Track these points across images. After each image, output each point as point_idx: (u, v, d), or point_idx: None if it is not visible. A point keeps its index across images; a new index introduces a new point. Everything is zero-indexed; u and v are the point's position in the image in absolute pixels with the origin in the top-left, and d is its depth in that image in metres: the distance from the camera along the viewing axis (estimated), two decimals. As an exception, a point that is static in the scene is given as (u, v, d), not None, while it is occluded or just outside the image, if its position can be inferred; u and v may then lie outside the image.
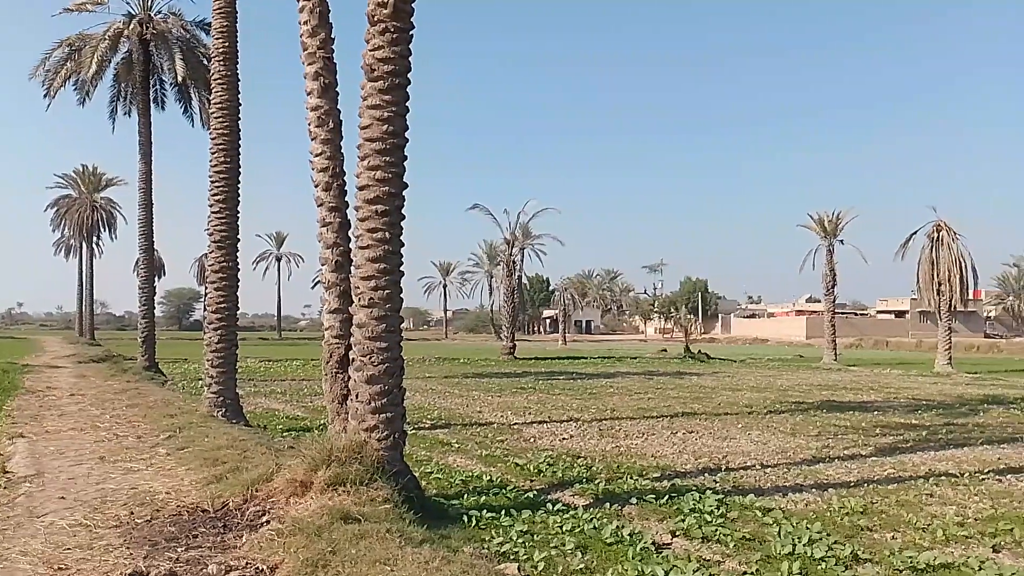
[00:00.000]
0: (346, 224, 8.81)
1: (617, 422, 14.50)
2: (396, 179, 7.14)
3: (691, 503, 7.55)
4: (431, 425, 13.76)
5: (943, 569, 5.68)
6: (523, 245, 47.84)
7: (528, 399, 18.90)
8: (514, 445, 11.56)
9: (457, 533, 6.25)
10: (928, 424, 14.61)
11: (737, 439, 12.45)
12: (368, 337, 7.05)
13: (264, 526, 5.96)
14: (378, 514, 5.89)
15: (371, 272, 7.06)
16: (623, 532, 6.43)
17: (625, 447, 11.50)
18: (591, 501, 7.81)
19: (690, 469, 9.77)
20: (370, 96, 7.15)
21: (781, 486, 8.75)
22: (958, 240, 35.32)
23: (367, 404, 7.02)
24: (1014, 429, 13.98)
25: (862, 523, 7.03)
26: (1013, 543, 6.43)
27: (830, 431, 13.43)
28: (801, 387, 23.82)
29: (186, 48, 25.68)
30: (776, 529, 6.63)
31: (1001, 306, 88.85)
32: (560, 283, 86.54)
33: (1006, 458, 10.77)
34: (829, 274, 42.46)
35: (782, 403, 18.51)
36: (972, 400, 19.83)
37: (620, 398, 19.38)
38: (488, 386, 22.95)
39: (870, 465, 10.18)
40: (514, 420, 14.64)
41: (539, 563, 5.56)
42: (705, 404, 18.08)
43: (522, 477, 9.06)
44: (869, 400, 19.71)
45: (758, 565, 5.70)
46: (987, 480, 9.15)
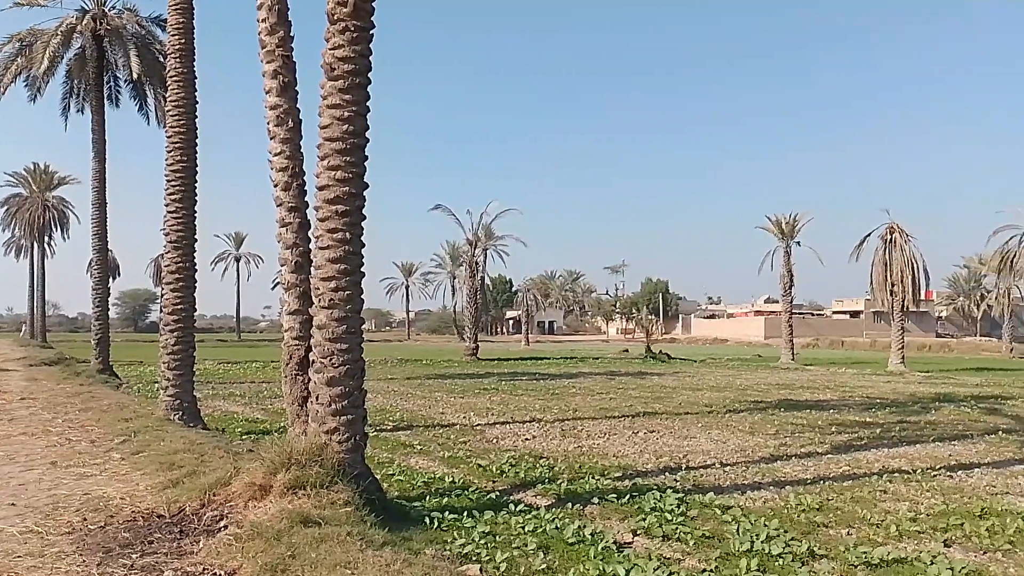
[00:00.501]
0: (306, 224, 8.71)
1: (579, 422, 14.57)
2: (356, 179, 7.08)
3: (652, 502, 7.62)
4: (393, 427, 13.68)
5: (896, 564, 5.80)
6: (486, 246, 47.78)
7: (491, 400, 18.89)
8: (477, 446, 11.55)
9: (419, 535, 6.22)
10: (882, 422, 14.94)
11: (697, 438, 12.59)
12: (328, 339, 6.98)
13: (222, 531, 5.86)
14: (339, 517, 5.84)
15: (331, 273, 7.00)
16: (585, 532, 6.47)
17: (587, 447, 11.56)
18: (553, 501, 7.83)
19: (651, 468, 9.86)
20: (330, 95, 7.08)
21: (740, 484, 8.88)
22: (910, 242, 36.22)
23: (327, 406, 6.95)
24: (964, 426, 14.37)
25: (818, 519, 7.16)
26: (964, 538, 6.60)
27: (787, 429, 13.66)
28: (759, 386, 24.19)
29: (141, 44, 25.13)
30: (735, 527, 6.73)
31: (952, 306, 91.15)
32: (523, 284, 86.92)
33: (957, 455, 11.06)
34: (787, 275, 43.19)
35: (741, 402, 18.77)
36: (924, 398, 20.34)
37: (582, 398, 19.48)
38: (451, 387, 22.90)
39: (826, 463, 10.37)
40: (477, 421, 14.62)
41: (501, 564, 5.56)
42: (666, 404, 18.26)
43: (484, 478, 9.06)
44: (825, 399, 20.08)
45: (717, 562, 5.77)
46: (939, 476, 9.38)
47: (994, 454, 11.13)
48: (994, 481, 9.10)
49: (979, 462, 10.42)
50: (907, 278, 35.48)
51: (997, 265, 34.59)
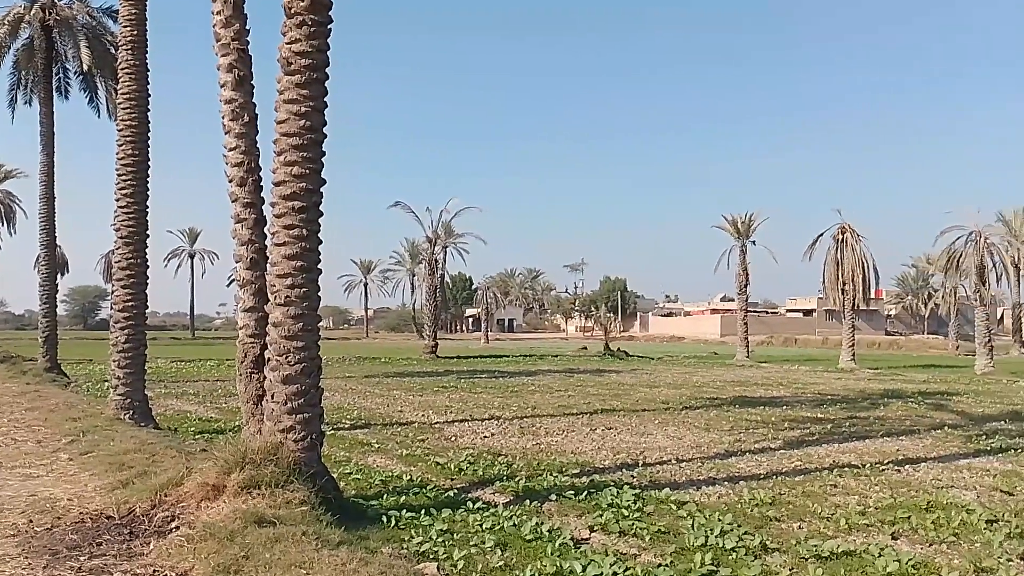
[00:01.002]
0: (262, 220, 8.60)
1: (538, 420, 14.62)
2: (314, 175, 7.01)
3: (609, 498, 7.68)
4: (351, 425, 13.57)
5: (845, 556, 5.94)
6: (445, 243, 47.68)
7: (450, 398, 18.86)
8: (435, 444, 11.52)
9: (376, 534, 6.19)
10: (833, 418, 15.27)
11: (654, 435, 12.73)
12: (284, 336, 6.89)
13: (173, 532, 5.75)
14: (294, 517, 5.78)
15: (287, 270, 6.91)
16: (542, 528, 6.49)
17: (545, 444, 11.61)
18: (511, 498, 7.85)
19: (608, 465, 9.94)
20: (287, 90, 7.00)
21: (695, 480, 8.99)
22: (861, 242, 37.06)
23: (283, 404, 6.87)
24: (912, 422, 14.76)
25: (771, 514, 7.29)
26: (910, 530, 6.78)
27: (742, 426, 13.88)
28: (715, 383, 24.54)
29: (92, 35, 24.50)
30: (690, 522, 6.81)
31: (900, 305, 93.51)
32: (483, 282, 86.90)
33: (904, 449, 11.36)
34: (742, 274, 43.83)
35: (697, 399, 19.03)
36: (873, 394, 20.85)
37: (541, 396, 19.55)
38: (410, 385, 22.79)
39: (779, 458, 10.57)
40: (435, 419, 14.58)
41: (459, 562, 5.56)
42: (624, 401, 18.42)
43: (443, 476, 9.04)
44: (779, 395, 20.46)
45: (672, 557, 5.85)
46: (887, 471, 9.62)
47: (940, 449, 11.45)
48: (940, 475, 9.36)
49: (925, 456, 10.71)
50: (858, 277, 36.30)
51: (944, 265, 35.47)
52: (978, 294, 33.36)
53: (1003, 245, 34.71)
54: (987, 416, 15.81)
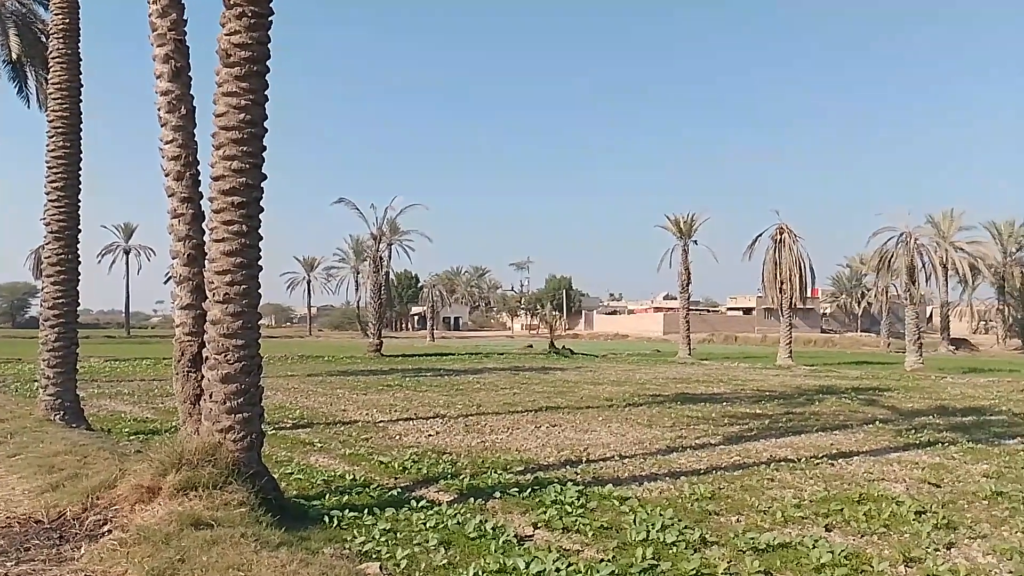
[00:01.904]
0: (200, 216, 8.40)
1: (483, 417, 14.62)
2: (254, 170, 6.87)
3: (553, 495, 7.72)
4: (293, 424, 13.36)
5: (781, 548, 6.09)
6: (391, 241, 47.22)
7: (394, 396, 18.72)
8: (379, 443, 11.42)
9: (318, 534, 6.11)
10: (771, 413, 15.65)
11: (598, 431, 12.85)
12: (223, 334, 6.74)
13: (105, 536, 5.59)
14: (233, 518, 5.66)
15: (226, 266, 6.76)
16: (486, 526, 6.50)
17: (490, 442, 11.62)
18: (455, 497, 7.83)
19: (553, 462, 10.00)
20: (226, 83, 6.84)
21: (638, 475, 9.11)
22: (798, 242, 38.03)
23: (222, 404, 6.72)
24: (845, 417, 15.21)
25: (710, 508, 7.44)
26: (843, 522, 6.98)
27: (683, 422, 14.11)
28: (658, 380, 24.90)
29: (22, 23, 23.53)
30: (632, 517, 6.90)
31: (835, 303, 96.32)
32: (428, 280, 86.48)
33: (838, 444, 11.70)
34: (684, 273, 44.58)
35: (640, 396, 19.27)
36: (809, 390, 21.42)
37: (486, 394, 19.55)
38: (353, 384, 22.55)
39: (718, 453, 10.78)
40: (380, 418, 14.46)
41: (402, 561, 5.53)
42: (568, 398, 18.55)
43: (386, 475, 8.97)
44: (719, 392, 20.86)
45: (614, 552, 5.91)
46: (821, 464, 9.89)
47: (871, 443, 11.82)
48: (871, 468, 9.67)
49: (858, 450, 11.05)
50: (795, 276, 37.24)
51: (876, 265, 36.67)
52: (908, 293, 34.56)
53: (932, 246, 35.93)
54: (916, 411, 16.39)
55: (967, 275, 50.40)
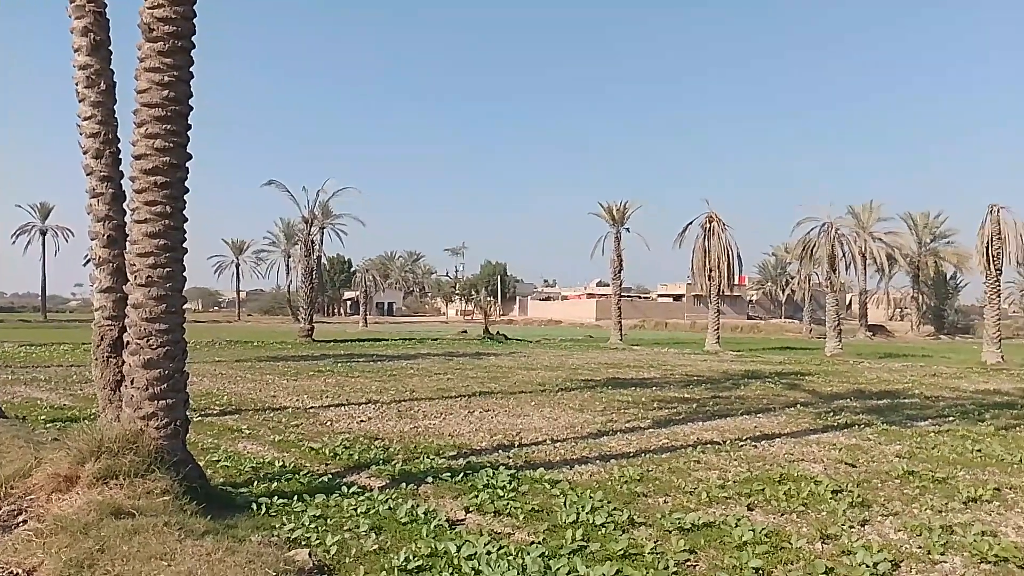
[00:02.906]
0: (120, 195, 8.10)
1: (416, 403, 14.57)
2: (178, 149, 6.64)
3: (485, 479, 7.77)
4: (220, 411, 13.05)
5: (706, 528, 6.27)
6: (323, 224, 46.33)
7: (326, 382, 18.46)
8: (309, 429, 11.26)
9: (245, 522, 6.00)
10: (698, 397, 16.05)
11: (530, 416, 12.96)
12: (145, 318, 6.53)
13: (20, 526, 5.37)
14: (155, 507, 5.51)
15: (149, 248, 6.54)
16: (418, 511, 6.50)
17: (423, 427, 11.59)
18: (387, 482, 7.80)
19: (485, 446, 10.04)
20: (148, 58, 6.59)
21: (569, 459, 9.23)
22: (727, 231, 38.95)
23: (144, 390, 6.52)
24: (769, 400, 15.72)
25: (639, 490, 7.59)
26: (764, 501, 7.23)
27: (614, 406, 14.35)
28: (590, 365, 25.23)
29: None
30: (562, 500, 7.00)
31: (761, 291, 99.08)
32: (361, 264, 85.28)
33: (761, 426, 12.08)
34: (616, 260, 45.14)
35: (572, 381, 19.50)
36: (735, 375, 22.05)
37: (420, 379, 19.47)
38: (284, 369, 22.13)
39: (648, 436, 11.00)
40: (310, 404, 14.24)
41: (332, 547, 5.48)
42: (502, 383, 18.63)
43: (317, 461, 8.86)
44: (649, 377, 21.27)
45: (545, 534, 5.99)
46: (745, 446, 10.21)
47: (793, 425, 12.25)
48: (792, 449, 10.02)
49: (780, 432, 11.44)
50: (723, 264, 38.16)
51: (799, 253, 37.84)
52: (829, 281, 35.81)
53: (852, 236, 37.26)
54: (835, 394, 17.05)
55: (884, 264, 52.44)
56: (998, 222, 29.64)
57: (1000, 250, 29.68)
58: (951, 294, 71.44)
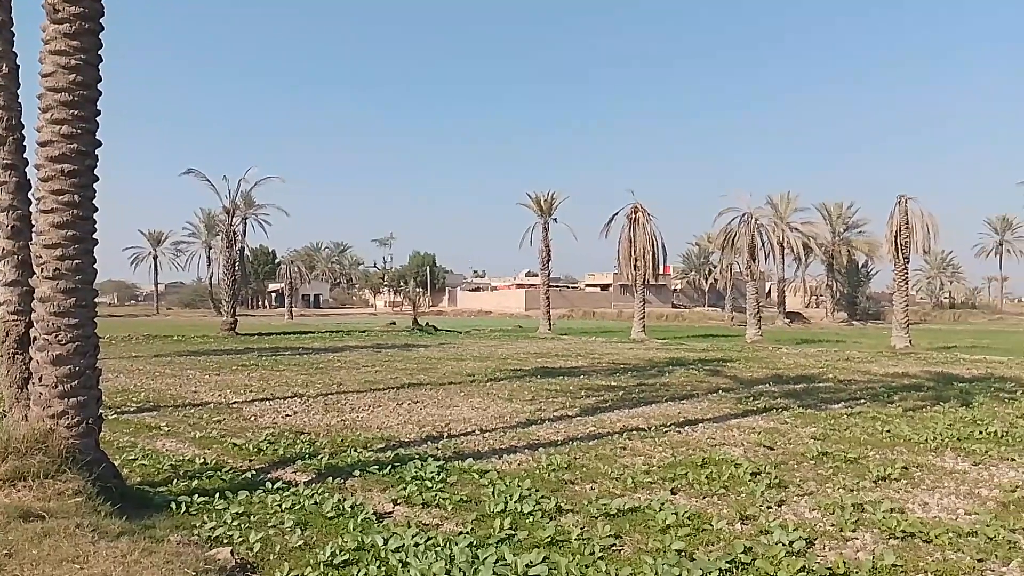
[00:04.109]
0: (26, 184, 7.72)
1: (343, 396, 14.38)
2: (86, 135, 6.35)
3: (413, 471, 7.73)
4: (137, 408, 12.60)
5: (631, 512, 6.40)
6: (245, 215, 45.32)
7: (249, 376, 18.04)
8: (232, 425, 10.99)
9: (163, 522, 5.82)
10: (624, 385, 16.33)
11: (460, 407, 12.96)
12: (54, 313, 6.24)
13: (-83, 535, 5.07)
14: (67, 509, 5.29)
15: (56, 239, 6.24)
16: (345, 505, 6.43)
17: (350, 420, 11.45)
18: (313, 477, 7.68)
19: (414, 438, 9.99)
20: (53, 40, 6.27)
21: (497, 449, 9.28)
22: (651, 221, 39.64)
23: (53, 388, 6.24)
24: (692, 387, 16.12)
25: (566, 477, 7.69)
26: (687, 485, 7.42)
27: (543, 395, 14.47)
28: (519, 355, 25.38)
29: None
30: (491, 489, 7.04)
31: (685, 280, 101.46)
32: (286, 255, 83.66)
33: (685, 412, 12.38)
34: (544, 250, 45.50)
35: (502, 371, 19.58)
36: (660, 363, 22.52)
37: (347, 372, 19.22)
38: (205, 364, 21.52)
39: (575, 424, 11.14)
40: (233, 399, 13.89)
41: (255, 544, 5.37)
42: (431, 375, 18.56)
43: (240, 458, 8.65)
44: (577, 366, 21.53)
45: (473, 524, 6.01)
46: (669, 432, 10.45)
47: (715, 410, 12.60)
48: (714, 434, 10.31)
49: (702, 418, 11.75)
50: (648, 254, 38.84)
51: (721, 243, 38.84)
52: (749, 270, 36.89)
53: (771, 226, 38.49)
54: (755, 380, 17.61)
55: (801, 253, 54.44)
56: (906, 212, 31.04)
57: (908, 239, 31.10)
58: (863, 282, 74.69)
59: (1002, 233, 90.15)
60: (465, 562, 5.04)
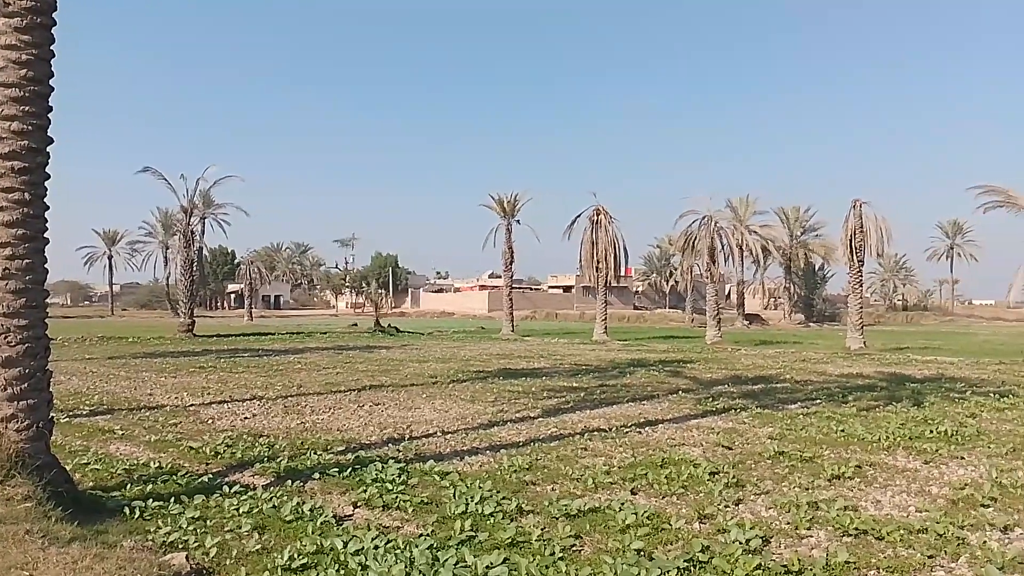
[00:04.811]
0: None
1: (303, 398, 14.23)
2: (37, 132, 6.20)
3: (374, 473, 7.69)
4: (90, 411, 12.33)
5: (591, 513, 6.44)
6: (203, 214, 44.37)
7: (207, 378, 17.75)
8: (189, 428, 10.81)
9: (116, 527, 5.71)
10: (586, 386, 16.42)
11: (421, 409, 12.91)
12: (2, 314, 6.08)
13: None
14: (16, 514, 5.17)
15: (6, 239, 6.08)
16: (304, 508, 6.37)
17: (310, 423, 11.34)
18: (272, 480, 7.60)
19: (375, 440, 9.93)
20: (3, 34, 6.11)
21: (459, 450, 9.26)
22: (613, 223, 39.88)
23: (2, 391, 6.08)
24: (653, 388, 16.27)
25: (527, 478, 7.71)
26: (647, 485, 7.49)
27: (505, 396, 14.49)
28: (482, 357, 25.36)
29: None
30: (452, 491, 7.03)
31: (647, 282, 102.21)
32: (246, 256, 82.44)
33: (645, 413, 12.49)
34: (508, 252, 45.52)
35: (464, 372, 19.55)
36: (622, 364, 22.69)
37: (308, 374, 19.03)
38: (162, 366, 21.12)
39: (537, 425, 11.17)
40: (190, 401, 13.66)
41: (211, 549, 5.29)
42: (393, 376, 18.46)
43: (197, 461, 8.52)
44: (539, 367, 21.58)
45: (434, 526, 5.99)
46: (630, 433, 10.53)
47: (675, 411, 12.73)
48: (674, 435, 10.42)
49: (663, 418, 11.87)
50: (610, 256, 39.07)
51: (682, 245, 39.28)
52: (709, 272, 37.33)
53: (730, 229, 38.99)
54: (714, 380, 17.84)
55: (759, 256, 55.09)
56: (860, 216, 31.70)
57: (862, 242, 31.76)
58: (819, 284, 76.15)
59: (953, 237, 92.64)
60: (425, 564, 5.03)
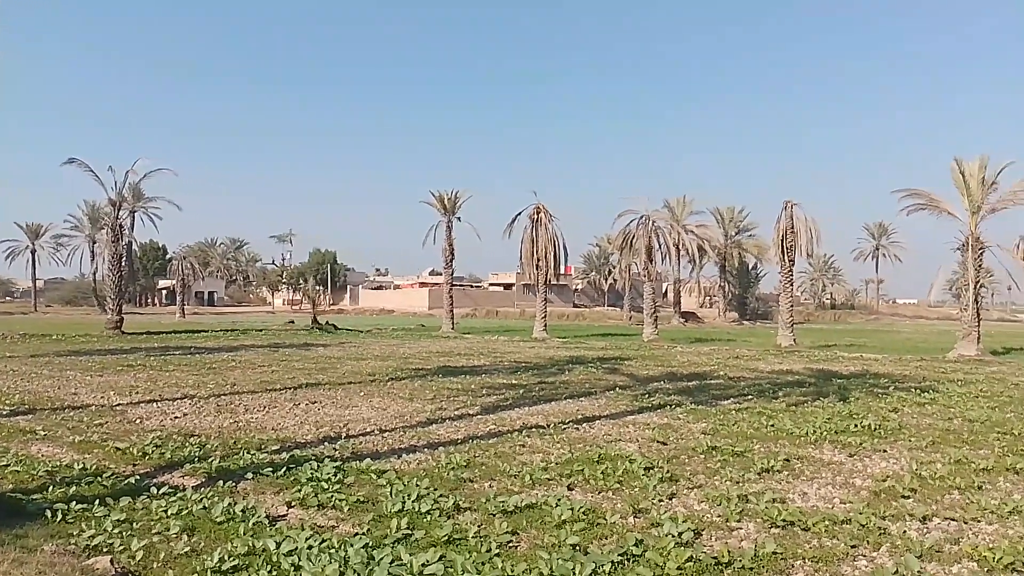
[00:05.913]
0: None
1: (237, 397, 13.93)
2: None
3: (309, 472, 7.57)
4: (10, 412, 11.83)
5: (528, 509, 6.47)
6: (133, 207, 43.04)
7: (136, 377, 17.21)
8: (116, 428, 10.47)
9: (37, 531, 5.50)
10: (525, 383, 16.50)
11: (359, 407, 12.77)
12: (-87, 309, 5.78)
13: None
14: (-74, 521, 4.92)
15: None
16: (235, 509, 6.24)
17: (244, 422, 11.11)
18: (203, 480, 7.41)
19: (311, 439, 9.78)
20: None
21: (397, 448, 9.20)
22: (553, 222, 40.18)
23: (-88, 391, 5.78)
24: (591, 384, 16.44)
25: (465, 475, 7.71)
26: (583, 481, 7.56)
27: (444, 394, 14.44)
28: (421, 354, 25.23)
29: None
30: (388, 489, 6.97)
31: (586, 280, 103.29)
32: (178, 251, 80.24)
33: (583, 409, 12.62)
34: (448, 249, 45.38)
35: (403, 370, 19.42)
36: (561, 361, 22.86)
37: (242, 372, 18.63)
38: (87, 364, 20.38)
39: (476, 423, 11.17)
40: (117, 401, 13.22)
41: (138, 552, 5.14)
42: (330, 374, 18.22)
43: (123, 462, 8.25)
44: (479, 364, 21.59)
45: (370, 525, 5.94)
46: (568, 429, 10.62)
47: (612, 407, 12.90)
48: (610, 431, 10.55)
49: (600, 415, 12.01)
50: (550, 254, 39.36)
51: (620, 244, 39.80)
52: (647, 271, 37.94)
53: (667, 228, 39.66)
54: (650, 377, 18.14)
55: (695, 255, 56.36)
56: (791, 217, 32.67)
57: (793, 243, 32.73)
58: (752, 283, 78.15)
59: (878, 238, 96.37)
60: (360, 563, 4.98)
